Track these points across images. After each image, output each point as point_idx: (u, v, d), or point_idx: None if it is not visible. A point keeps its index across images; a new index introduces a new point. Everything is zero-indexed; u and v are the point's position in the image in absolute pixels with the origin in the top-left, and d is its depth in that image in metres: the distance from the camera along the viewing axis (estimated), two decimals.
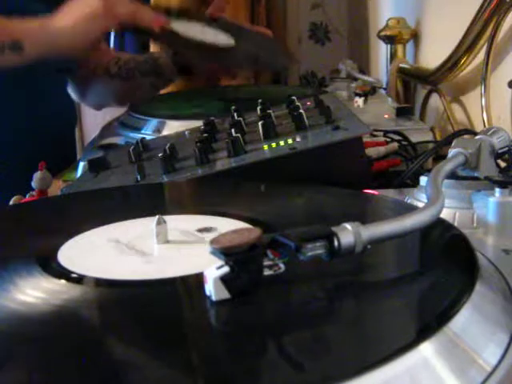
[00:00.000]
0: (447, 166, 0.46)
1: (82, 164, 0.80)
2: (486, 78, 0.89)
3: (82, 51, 0.88)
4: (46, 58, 0.87)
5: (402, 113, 0.91)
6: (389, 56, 1.33)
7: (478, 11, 0.88)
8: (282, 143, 0.59)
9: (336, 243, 0.31)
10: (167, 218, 0.40)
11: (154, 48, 1.21)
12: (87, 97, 1.10)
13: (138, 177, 0.60)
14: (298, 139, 0.59)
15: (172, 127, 0.85)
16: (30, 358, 0.27)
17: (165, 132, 0.84)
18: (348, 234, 0.31)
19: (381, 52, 1.41)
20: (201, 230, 0.41)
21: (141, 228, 0.42)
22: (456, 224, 0.45)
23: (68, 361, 0.27)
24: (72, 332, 0.29)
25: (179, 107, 0.99)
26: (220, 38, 0.93)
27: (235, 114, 0.71)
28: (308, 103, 0.74)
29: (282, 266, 0.32)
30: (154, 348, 0.27)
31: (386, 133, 0.78)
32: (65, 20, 0.83)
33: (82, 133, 2.73)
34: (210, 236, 0.38)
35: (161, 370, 0.25)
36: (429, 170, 0.45)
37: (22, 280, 0.34)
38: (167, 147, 0.64)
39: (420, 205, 0.47)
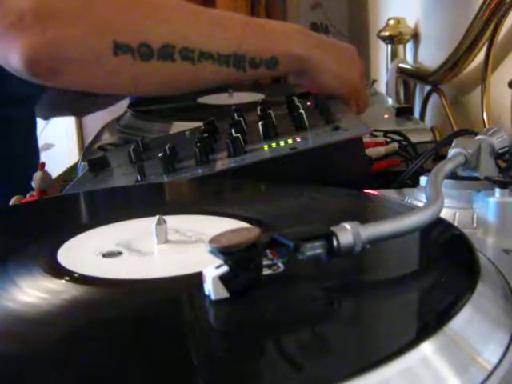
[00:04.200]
0: (447, 166, 0.46)
1: (82, 164, 0.80)
2: (485, 77, 0.89)
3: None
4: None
5: (402, 113, 0.91)
6: (389, 56, 1.33)
7: (478, 11, 0.88)
8: (282, 143, 0.59)
9: (335, 243, 0.31)
10: (167, 218, 0.40)
11: None
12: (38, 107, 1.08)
13: (138, 177, 0.60)
14: (298, 139, 0.59)
15: (172, 127, 0.85)
16: (30, 358, 0.27)
17: (165, 132, 0.85)
18: (347, 233, 0.31)
19: (381, 52, 1.41)
20: (105, 255, 0.39)
21: (141, 228, 0.42)
22: (456, 224, 0.45)
23: (68, 361, 0.27)
24: (72, 332, 0.29)
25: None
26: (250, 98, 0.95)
27: (235, 114, 0.71)
28: (308, 103, 0.74)
29: (281, 265, 0.32)
30: (153, 347, 0.27)
31: (386, 133, 0.78)
32: (324, 58, 0.74)
33: (82, 133, 2.73)
34: (114, 260, 0.37)
35: (159, 370, 0.25)
36: (429, 170, 0.45)
37: (22, 280, 0.34)
38: (167, 147, 0.64)
39: (420, 205, 0.47)
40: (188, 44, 0.65)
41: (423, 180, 0.49)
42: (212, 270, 0.30)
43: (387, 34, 1.30)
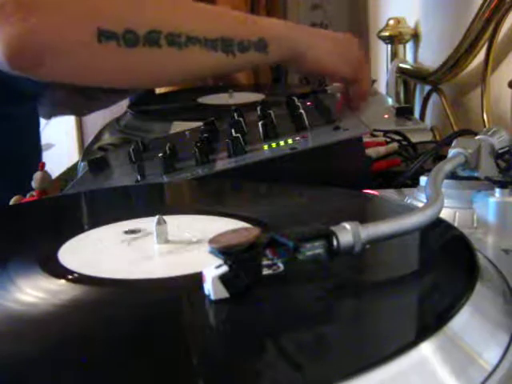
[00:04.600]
0: (447, 166, 0.46)
1: (82, 164, 0.80)
2: (485, 77, 0.89)
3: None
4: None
5: (402, 113, 0.91)
6: (389, 56, 1.33)
7: (478, 11, 0.88)
8: (282, 143, 0.59)
9: (335, 243, 0.31)
10: (167, 218, 0.40)
11: None
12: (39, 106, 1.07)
13: (138, 177, 0.60)
14: (298, 139, 0.59)
15: (172, 127, 0.85)
16: (30, 358, 0.27)
17: (165, 132, 0.85)
18: (347, 233, 0.31)
19: (381, 52, 1.41)
20: (127, 232, 0.41)
21: (141, 228, 0.42)
22: (456, 224, 0.45)
23: (68, 361, 0.27)
24: (72, 332, 0.29)
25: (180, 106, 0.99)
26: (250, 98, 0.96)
27: (235, 114, 0.71)
28: (308, 103, 0.74)
29: (280, 265, 0.32)
30: (153, 347, 0.27)
31: (385, 133, 0.78)
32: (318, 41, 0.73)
33: (82, 133, 2.73)
34: (136, 237, 0.38)
35: (159, 370, 0.25)
36: (429, 170, 0.45)
37: (22, 280, 0.34)
38: (167, 147, 0.64)
39: (420, 205, 0.47)
40: (174, 29, 0.64)
41: (423, 180, 0.49)
42: (212, 269, 0.30)
43: (387, 33, 1.30)
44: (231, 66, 0.70)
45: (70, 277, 0.35)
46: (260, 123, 0.63)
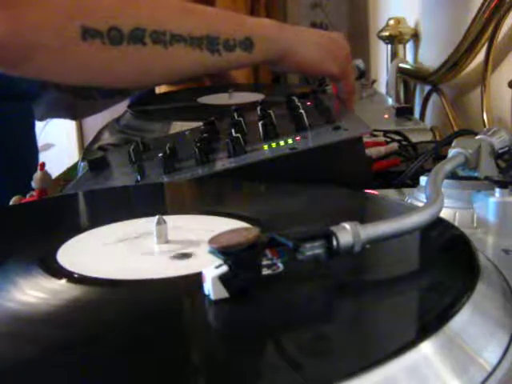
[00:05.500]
0: (447, 166, 0.46)
1: (82, 164, 0.80)
2: (485, 78, 0.89)
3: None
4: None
5: (402, 113, 0.91)
6: (389, 56, 1.33)
7: (478, 11, 0.89)
8: (282, 143, 0.59)
9: (335, 243, 0.31)
10: (167, 218, 0.40)
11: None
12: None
13: (138, 177, 0.60)
14: (298, 139, 0.59)
15: (172, 127, 0.85)
16: (30, 358, 0.27)
17: (165, 132, 0.84)
18: (346, 233, 0.31)
19: (381, 52, 1.41)
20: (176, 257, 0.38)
21: (141, 228, 0.42)
22: (456, 224, 0.45)
23: (68, 361, 0.27)
24: (72, 332, 0.29)
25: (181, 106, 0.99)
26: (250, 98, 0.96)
27: (235, 114, 0.71)
28: (308, 103, 0.74)
29: (280, 265, 0.32)
30: (153, 347, 0.27)
31: (385, 133, 0.78)
32: (303, 39, 0.74)
33: (82, 133, 2.73)
34: (184, 263, 0.36)
35: (159, 370, 0.25)
36: (429, 170, 0.45)
37: (22, 280, 0.34)
38: (167, 147, 0.64)
39: (420, 205, 0.47)
40: (158, 26, 0.64)
41: (423, 180, 0.49)
42: (212, 269, 0.30)
43: (387, 33, 1.30)
44: (217, 64, 0.70)
45: (69, 277, 0.35)
46: (260, 123, 0.63)
